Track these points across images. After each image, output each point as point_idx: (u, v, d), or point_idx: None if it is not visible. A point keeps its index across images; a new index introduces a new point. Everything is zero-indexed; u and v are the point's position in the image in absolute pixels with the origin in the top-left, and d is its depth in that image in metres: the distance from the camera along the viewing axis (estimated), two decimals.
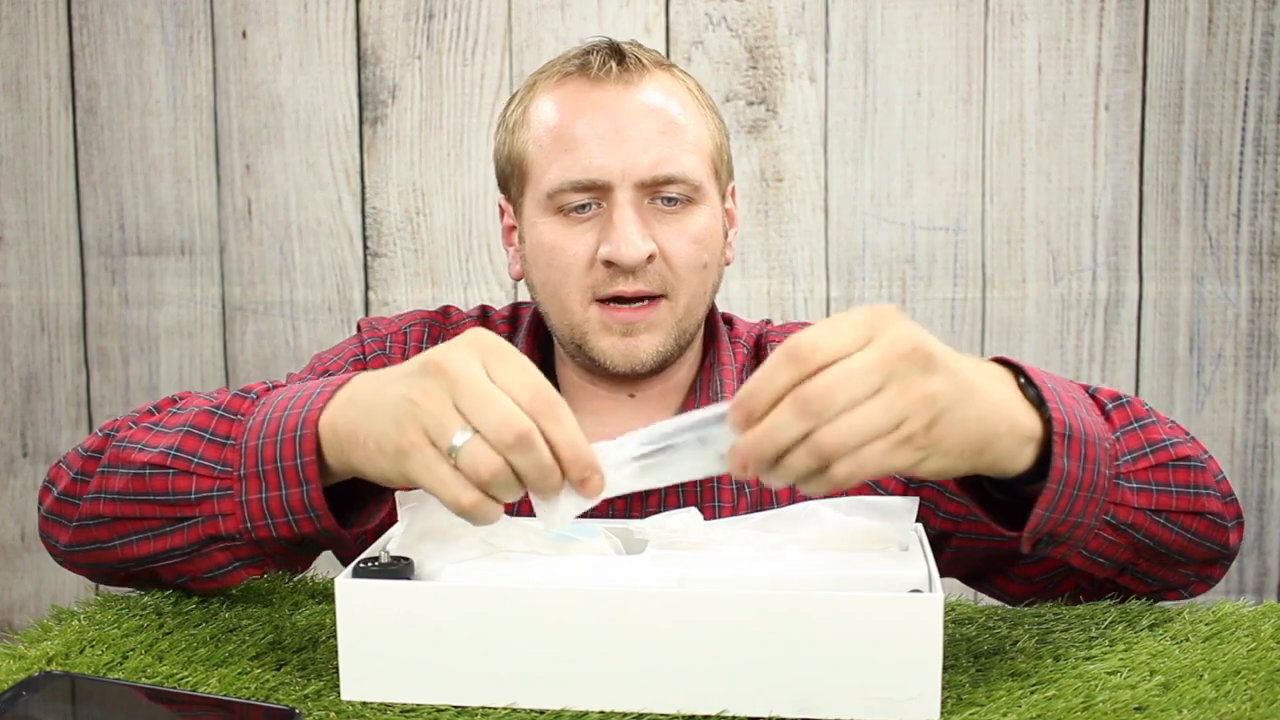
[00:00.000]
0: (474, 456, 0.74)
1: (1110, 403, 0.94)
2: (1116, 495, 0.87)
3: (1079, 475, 0.84)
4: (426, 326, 1.22)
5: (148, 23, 1.98)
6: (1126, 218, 1.91)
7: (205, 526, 0.87)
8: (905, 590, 0.75)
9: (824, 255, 1.94)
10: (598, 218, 1.09)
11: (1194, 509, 0.92)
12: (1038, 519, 0.84)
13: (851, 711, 0.72)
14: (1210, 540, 0.95)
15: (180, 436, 0.88)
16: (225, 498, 0.86)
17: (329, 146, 1.98)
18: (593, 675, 0.74)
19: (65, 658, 0.81)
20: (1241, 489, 1.94)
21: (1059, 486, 0.83)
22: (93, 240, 2.03)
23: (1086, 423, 0.86)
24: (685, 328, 1.12)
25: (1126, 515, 0.88)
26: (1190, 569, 0.97)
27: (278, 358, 2.01)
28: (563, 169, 1.08)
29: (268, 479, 0.84)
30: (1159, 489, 0.90)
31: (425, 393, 0.75)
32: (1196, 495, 0.92)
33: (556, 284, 1.10)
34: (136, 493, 0.89)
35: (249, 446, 0.85)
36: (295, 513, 0.84)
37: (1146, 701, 0.74)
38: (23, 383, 2.06)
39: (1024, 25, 1.89)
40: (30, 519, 2.08)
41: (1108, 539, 0.89)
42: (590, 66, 1.11)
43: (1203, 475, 0.93)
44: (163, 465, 0.88)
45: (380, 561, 0.78)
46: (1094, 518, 0.86)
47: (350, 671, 0.76)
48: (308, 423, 0.83)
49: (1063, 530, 0.86)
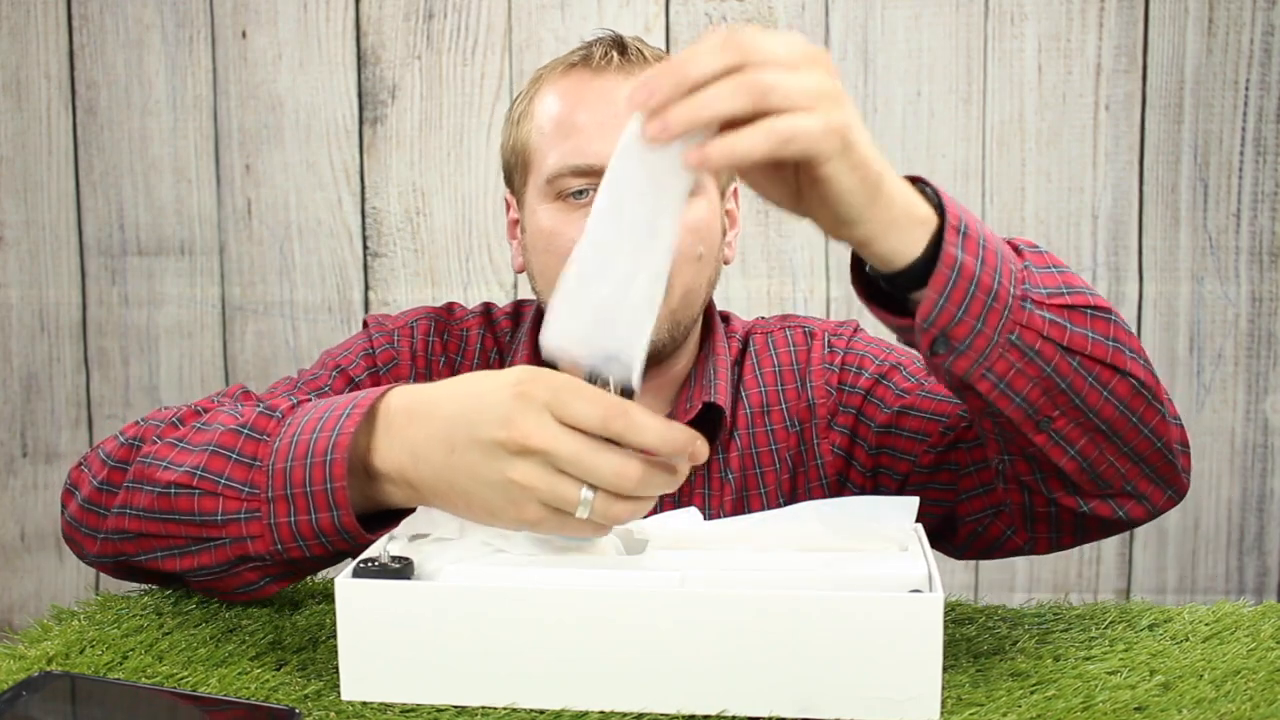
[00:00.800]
0: (606, 511, 0.76)
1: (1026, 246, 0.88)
2: (1022, 316, 0.82)
3: (975, 272, 0.79)
4: (433, 322, 1.22)
5: (148, 23, 1.98)
6: (1126, 218, 1.91)
7: (234, 548, 0.86)
8: (905, 590, 0.75)
9: (824, 255, 1.94)
10: None
11: (1113, 363, 0.86)
12: (930, 303, 0.79)
13: (851, 711, 0.72)
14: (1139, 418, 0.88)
15: (206, 456, 0.88)
16: (253, 520, 0.85)
17: (329, 146, 1.98)
18: (593, 675, 0.74)
19: (65, 658, 0.81)
20: (1241, 489, 1.94)
21: (952, 274, 0.79)
22: (93, 240, 2.03)
23: (987, 234, 0.82)
24: (680, 319, 1.12)
25: (1033, 340, 0.83)
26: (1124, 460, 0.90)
27: (278, 358, 2.01)
28: (562, 154, 1.10)
29: (296, 503, 0.84)
30: (1074, 329, 0.84)
31: (526, 474, 0.75)
32: (1118, 350, 0.86)
33: (553, 269, 1.10)
34: (162, 511, 0.88)
35: (276, 469, 0.85)
36: (327, 535, 0.84)
37: (1146, 701, 0.74)
38: (23, 383, 2.06)
39: (1024, 25, 1.89)
40: (30, 519, 2.08)
41: (1014, 363, 0.83)
42: (592, 58, 1.13)
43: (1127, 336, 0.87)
44: (189, 485, 0.87)
45: (380, 561, 0.78)
46: (996, 331, 0.81)
47: (350, 671, 0.76)
48: (338, 447, 0.82)
49: (959, 332, 0.81)
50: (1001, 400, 0.84)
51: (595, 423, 0.75)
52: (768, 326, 1.24)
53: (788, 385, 1.19)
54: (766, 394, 1.18)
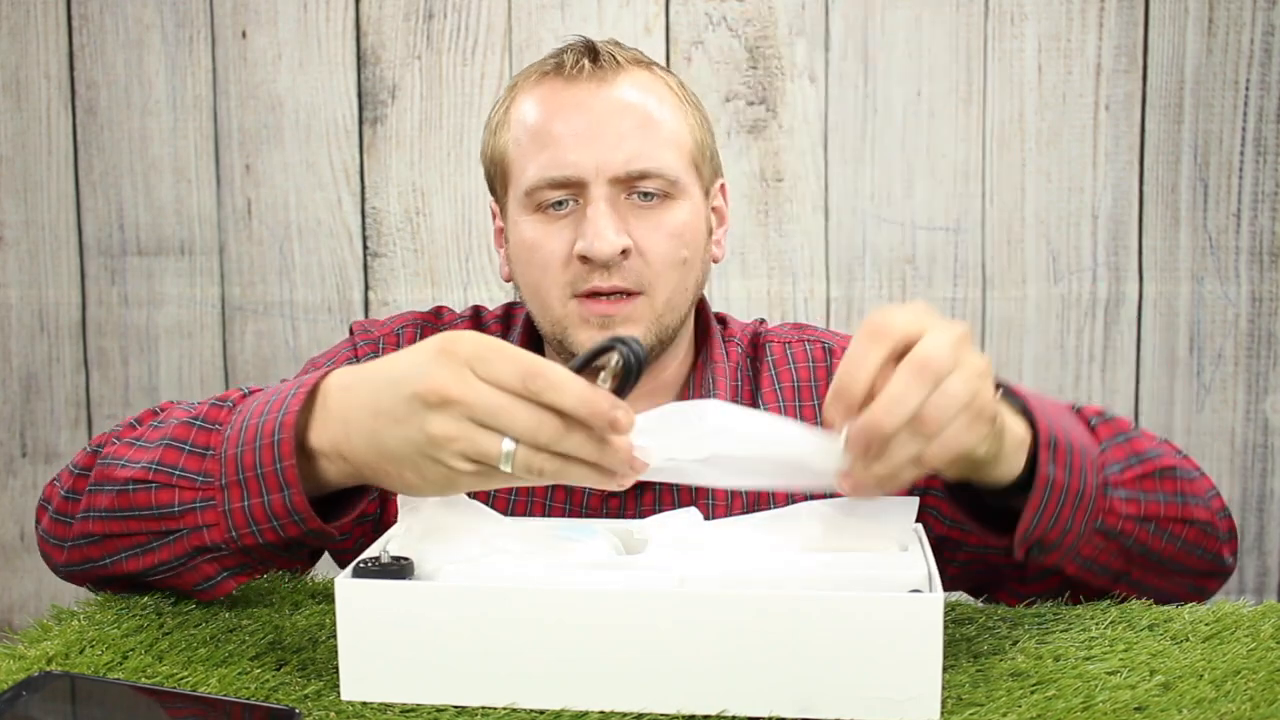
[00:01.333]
0: (529, 464, 0.75)
1: (1095, 418, 0.96)
2: (1105, 503, 0.90)
3: (1065, 482, 0.87)
4: (419, 328, 1.22)
5: (148, 23, 1.98)
6: (1126, 218, 1.91)
7: (191, 538, 0.87)
8: (905, 590, 0.75)
9: (824, 255, 1.94)
10: (575, 214, 1.09)
11: (1183, 516, 0.95)
12: (1027, 522, 0.87)
13: (851, 711, 0.72)
14: (1201, 549, 0.97)
15: (161, 450, 0.89)
16: (208, 508, 0.86)
17: (329, 146, 1.98)
18: (593, 675, 0.74)
19: (65, 658, 0.81)
20: (1241, 489, 1.94)
21: (1045, 492, 0.86)
22: (92, 240, 2.03)
23: (1072, 433, 0.89)
24: (666, 323, 1.12)
25: (1116, 523, 0.91)
26: (1185, 579, 0.98)
27: (277, 358, 2.01)
28: (539, 166, 1.09)
29: (249, 486, 0.84)
30: (1147, 497, 0.93)
31: (445, 426, 0.76)
32: (1185, 503, 0.95)
33: (537, 280, 1.11)
34: (122, 509, 0.89)
35: (228, 455, 0.86)
36: (279, 517, 0.85)
37: (1146, 702, 0.74)
38: (22, 383, 2.06)
39: (1024, 25, 1.89)
40: (30, 519, 2.07)
41: (1099, 545, 0.91)
42: (564, 66, 1.12)
43: (1190, 485, 0.95)
44: (145, 480, 0.88)
45: (380, 561, 0.78)
46: (1084, 524, 0.89)
47: (350, 671, 0.76)
48: (284, 426, 0.83)
49: (1053, 536, 0.89)
50: (1086, 574, 0.94)
51: (514, 380, 0.75)
52: (784, 336, 1.23)
53: (805, 403, 1.18)
54: (785, 409, 1.18)
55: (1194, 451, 1.92)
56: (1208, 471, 1.03)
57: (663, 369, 1.17)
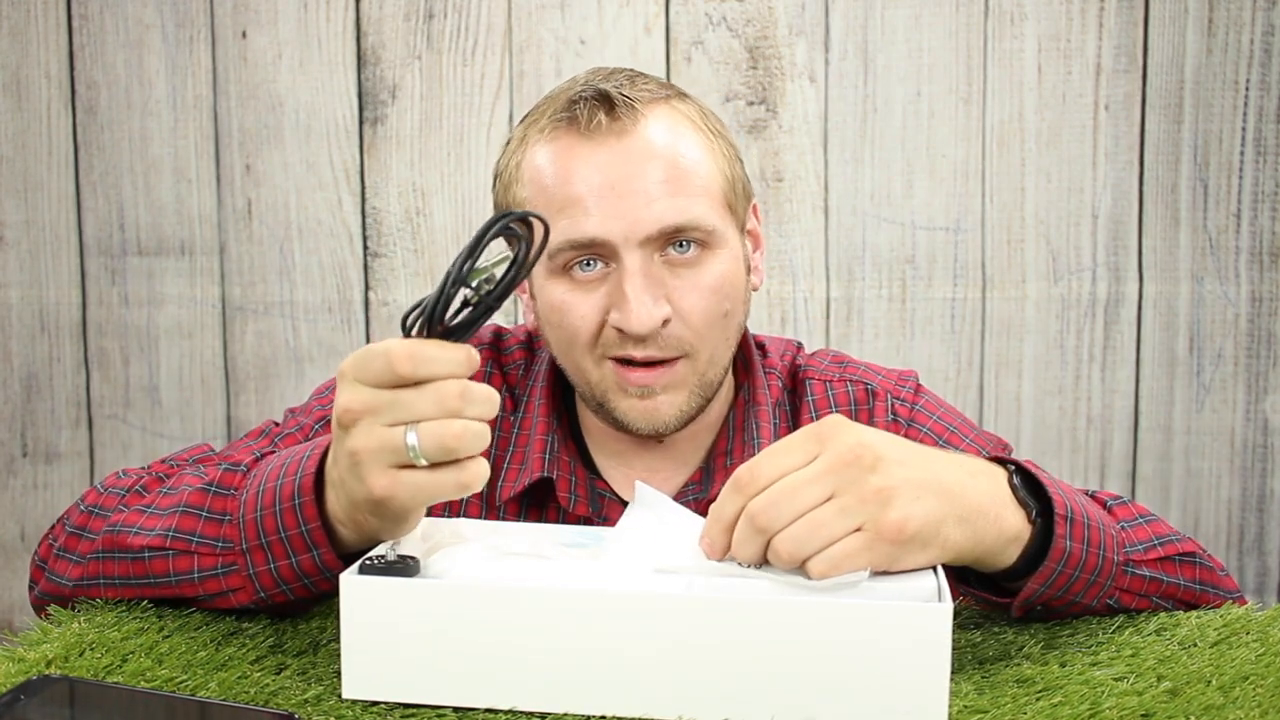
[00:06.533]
0: (440, 443, 0.74)
1: (1111, 500, 0.97)
2: (1124, 581, 0.91)
3: (1081, 556, 0.86)
4: None
5: (148, 23, 1.98)
6: (1126, 218, 1.91)
7: (217, 602, 0.88)
8: (914, 600, 0.74)
9: (824, 255, 1.94)
10: (607, 278, 1.03)
11: (1199, 603, 0.96)
12: (1030, 592, 0.87)
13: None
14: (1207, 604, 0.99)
15: (177, 517, 0.89)
16: (231, 573, 0.86)
17: (329, 146, 1.97)
18: (596, 680, 0.73)
19: (64, 661, 0.81)
20: (1241, 489, 1.94)
21: (1059, 565, 0.86)
22: (93, 240, 2.02)
23: (1089, 510, 0.88)
24: (710, 380, 1.07)
25: (1130, 601, 0.93)
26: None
27: (278, 358, 2.01)
28: (562, 231, 1.02)
29: (273, 550, 0.85)
30: (1168, 580, 0.94)
31: (356, 439, 0.76)
32: (1203, 591, 0.97)
33: (568, 344, 1.06)
34: (138, 577, 0.89)
35: (247, 520, 0.85)
36: (309, 576, 0.85)
37: (1154, 708, 0.74)
38: (23, 383, 2.06)
39: (1024, 25, 1.89)
40: (30, 519, 2.07)
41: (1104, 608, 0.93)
42: (579, 121, 1.03)
43: (1209, 574, 0.97)
44: (162, 548, 0.88)
45: (386, 559, 0.78)
46: (1096, 599, 0.90)
47: (352, 670, 0.76)
48: (303, 490, 0.83)
49: (1058, 605, 0.89)
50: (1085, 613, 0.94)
51: (388, 373, 0.74)
52: (825, 373, 1.17)
53: None
54: None
55: (1194, 451, 1.92)
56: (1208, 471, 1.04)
57: (706, 413, 1.11)
